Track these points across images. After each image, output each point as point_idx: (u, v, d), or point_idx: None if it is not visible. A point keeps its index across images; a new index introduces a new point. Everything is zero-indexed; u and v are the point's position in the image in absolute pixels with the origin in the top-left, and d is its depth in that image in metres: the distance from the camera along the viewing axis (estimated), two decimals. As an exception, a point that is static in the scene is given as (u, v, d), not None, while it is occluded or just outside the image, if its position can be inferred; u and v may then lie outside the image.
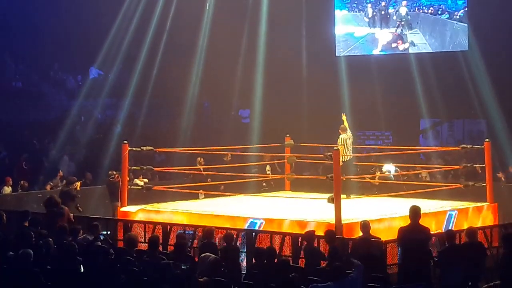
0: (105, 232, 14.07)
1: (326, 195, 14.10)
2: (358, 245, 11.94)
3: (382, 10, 25.91)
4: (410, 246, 11.05)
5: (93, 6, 25.97)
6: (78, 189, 16.78)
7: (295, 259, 12.26)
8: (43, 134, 25.21)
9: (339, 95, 25.28)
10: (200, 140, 24.24)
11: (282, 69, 26.37)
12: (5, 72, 28.35)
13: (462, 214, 15.43)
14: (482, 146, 16.23)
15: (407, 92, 24.84)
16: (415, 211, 11.30)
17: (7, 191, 18.94)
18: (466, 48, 24.66)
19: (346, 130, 16.73)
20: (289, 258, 11.60)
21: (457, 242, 11.89)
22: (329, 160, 14.46)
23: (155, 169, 18.04)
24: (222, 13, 26.10)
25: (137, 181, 18.56)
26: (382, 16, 25.92)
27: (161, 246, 12.71)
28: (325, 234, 12.05)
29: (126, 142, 16.21)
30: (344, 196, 14.44)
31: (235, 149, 20.65)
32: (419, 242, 11.08)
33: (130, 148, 16.13)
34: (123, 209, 15.78)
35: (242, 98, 27.54)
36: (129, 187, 16.22)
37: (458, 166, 18.40)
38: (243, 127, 27.21)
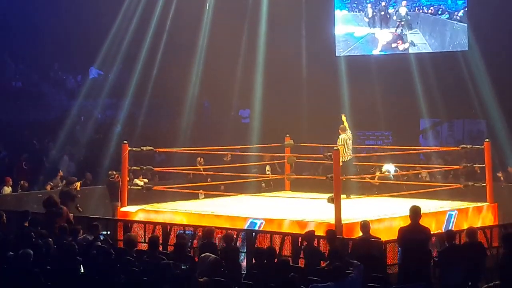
0: (105, 232, 14.06)
1: (326, 195, 14.09)
2: (358, 245, 11.94)
3: (382, 10, 25.90)
4: (410, 246, 11.04)
5: (93, 6, 25.96)
6: (78, 189, 16.79)
7: (295, 259, 12.26)
8: (43, 134, 25.19)
9: (339, 95, 25.27)
10: (200, 140, 24.21)
11: (282, 69, 26.35)
12: (5, 72, 28.35)
13: (462, 214, 15.44)
14: (482, 146, 16.24)
15: (407, 92, 24.82)
16: (416, 211, 11.29)
17: (7, 191, 18.93)
18: (466, 48, 24.65)
19: (346, 130, 16.71)
20: (289, 258, 11.59)
21: (457, 242, 11.88)
22: (329, 160, 14.47)
23: (155, 169, 18.03)
24: (222, 13, 26.09)
25: (137, 181, 18.56)
26: (382, 16, 25.91)
27: (161, 246, 12.71)
28: (326, 234, 12.07)
29: (126, 142, 16.20)
30: (344, 196, 14.44)
31: (235, 149, 20.64)
32: (419, 242, 11.07)
33: (130, 148, 16.12)
34: (123, 209, 15.77)
35: (242, 98, 27.53)
36: (129, 187, 16.22)
37: (458, 166, 18.40)
38: (243, 127, 27.20)
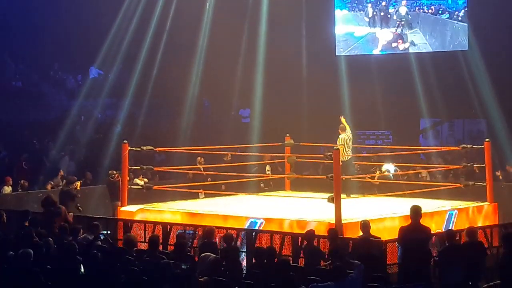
0: (105, 231, 14.05)
1: (326, 195, 14.09)
2: (358, 245, 11.94)
3: (382, 10, 25.90)
4: (411, 246, 11.03)
5: (93, 6, 25.97)
6: (78, 188, 16.78)
7: (295, 259, 12.26)
8: (43, 134, 25.19)
9: (339, 95, 25.27)
10: (200, 139, 24.21)
11: (282, 69, 26.35)
12: (5, 72, 28.36)
13: (462, 213, 15.42)
14: (482, 146, 16.23)
15: (407, 92, 24.82)
16: (416, 211, 11.28)
17: (7, 191, 18.93)
18: (466, 48, 24.66)
19: (346, 130, 16.72)
20: (289, 257, 11.59)
21: (457, 242, 11.87)
22: (329, 159, 14.46)
23: (155, 168, 18.04)
24: (222, 13, 26.09)
25: (137, 180, 18.55)
26: (382, 15, 25.92)
27: (161, 246, 12.71)
28: (327, 233, 12.09)
29: (126, 141, 16.20)
30: (344, 195, 14.44)
31: (235, 148, 20.63)
32: (420, 241, 11.06)
33: (130, 147, 16.12)
34: (123, 208, 15.77)
35: (242, 98, 27.54)
36: (129, 187, 16.21)
37: (458, 166, 18.39)
38: (243, 127, 27.20)
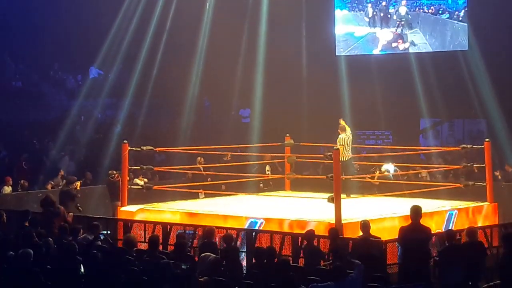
0: (105, 231, 14.05)
1: (326, 195, 14.09)
2: (358, 245, 11.93)
3: (382, 10, 25.90)
4: (411, 246, 11.03)
5: (93, 6, 25.97)
6: (78, 188, 16.77)
7: (295, 259, 12.26)
8: (43, 134, 25.19)
9: (339, 95, 25.27)
10: (200, 139, 24.21)
11: (282, 69, 26.35)
12: (5, 72, 28.36)
13: (462, 213, 15.42)
14: (482, 146, 16.23)
15: (407, 92, 24.82)
16: (416, 211, 11.27)
17: (7, 191, 18.93)
18: (466, 48, 24.66)
19: (345, 130, 16.73)
20: (289, 257, 11.59)
21: (457, 242, 11.87)
22: (329, 159, 14.46)
23: (155, 168, 18.03)
24: (222, 13, 26.09)
25: (137, 180, 18.55)
26: (382, 16, 25.92)
27: (161, 246, 12.70)
28: (328, 233, 12.11)
29: (126, 141, 16.20)
30: (344, 195, 14.44)
31: (235, 148, 20.63)
32: (420, 241, 11.06)
33: (130, 147, 16.12)
34: (123, 208, 15.76)
35: (242, 98, 27.54)
36: (129, 187, 16.21)
37: (458, 166, 18.39)
38: (243, 127, 27.20)
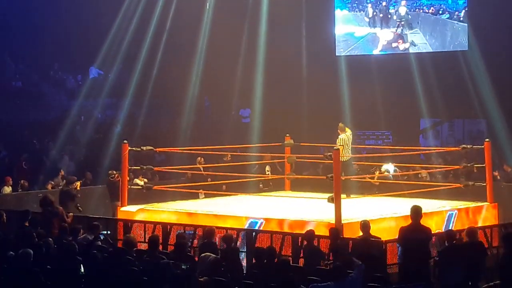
0: (105, 232, 14.05)
1: (326, 195, 14.09)
2: (358, 245, 11.93)
3: (383, 10, 25.89)
4: (411, 246, 11.04)
5: (93, 6, 25.97)
6: (78, 188, 16.77)
7: (295, 259, 12.26)
8: (43, 134, 25.19)
9: (339, 95, 25.27)
10: (200, 139, 24.22)
11: (282, 69, 26.35)
12: (5, 72, 28.36)
13: (462, 214, 15.42)
14: (482, 146, 16.24)
15: (407, 92, 24.81)
16: (417, 211, 11.27)
17: (7, 191, 18.93)
18: (466, 48, 24.65)
19: (345, 130, 16.76)
20: (289, 258, 11.59)
21: (457, 242, 11.87)
22: (329, 159, 14.47)
23: (155, 168, 18.04)
24: (222, 13, 26.09)
25: (137, 180, 18.54)
26: (383, 16, 25.91)
27: (161, 246, 12.70)
28: (329, 233, 12.12)
29: (126, 142, 16.20)
30: (344, 196, 14.44)
31: (235, 148, 20.62)
32: (420, 241, 11.06)
33: (130, 148, 16.12)
34: (123, 208, 15.77)
35: (242, 98, 27.53)
36: (129, 187, 16.21)
37: (458, 166, 18.38)
38: (244, 127, 27.21)
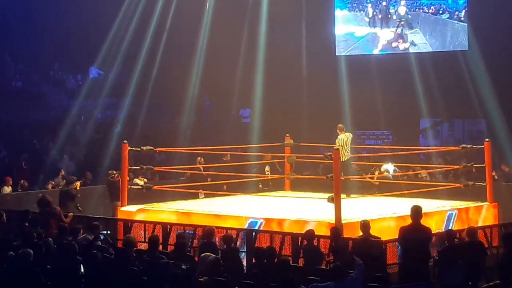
0: (105, 231, 14.05)
1: (326, 195, 14.09)
2: (358, 245, 11.94)
3: (383, 10, 25.89)
4: (411, 246, 11.04)
5: (93, 6, 25.98)
6: (78, 188, 16.77)
7: (295, 259, 12.26)
8: (43, 134, 25.19)
9: (339, 95, 25.28)
10: (200, 139, 24.22)
11: (282, 69, 26.36)
12: (5, 72, 28.36)
13: (462, 213, 15.43)
14: (482, 146, 16.23)
15: (407, 92, 24.81)
16: (417, 211, 11.27)
17: (7, 191, 18.93)
18: (466, 48, 24.65)
19: (344, 130, 16.79)
20: (289, 258, 11.59)
21: (457, 242, 11.88)
22: (329, 159, 14.47)
23: (155, 168, 18.03)
24: (222, 13, 26.09)
25: (137, 180, 18.53)
26: (383, 16, 25.91)
27: (161, 246, 12.71)
28: (330, 232, 12.13)
29: (126, 141, 16.20)
30: (344, 195, 14.44)
31: (235, 148, 20.62)
32: (420, 241, 11.06)
33: (130, 147, 16.12)
34: (123, 208, 15.76)
35: (242, 98, 27.53)
36: (129, 187, 16.21)
37: (458, 166, 18.38)
38: (244, 127, 27.21)
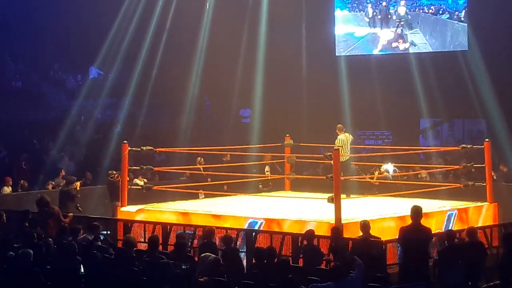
0: (105, 232, 14.05)
1: (326, 195, 14.09)
2: (358, 245, 11.94)
3: (383, 10, 25.89)
4: (411, 246, 11.04)
5: (93, 6, 25.98)
6: (78, 189, 16.76)
7: (295, 259, 12.26)
8: (43, 134, 25.19)
9: (339, 95, 25.28)
10: (200, 140, 24.22)
11: (282, 69, 26.35)
12: (5, 72, 28.36)
13: (462, 214, 15.43)
14: (482, 146, 16.24)
15: (407, 92, 24.81)
16: (417, 211, 11.27)
17: (7, 191, 18.92)
18: (466, 48, 24.64)
19: (343, 130, 16.81)
20: (289, 258, 11.60)
21: (457, 242, 11.88)
22: (329, 160, 14.48)
23: (155, 168, 18.03)
24: (222, 13, 26.09)
25: (137, 181, 18.52)
26: (383, 16, 25.91)
27: (161, 246, 12.71)
28: (331, 232, 12.15)
29: (126, 142, 16.21)
30: (344, 196, 14.44)
31: (235, 149, 20.62)
32: (420, 242, 11.06)
33: (130, 148, 16.13)
34: (123, 209, 15.77)
35: (242, 98, 27.53)
36: (129, 187, 16.21)
37: (458, 166, 18.38)
38: (244, 127, 27.21)
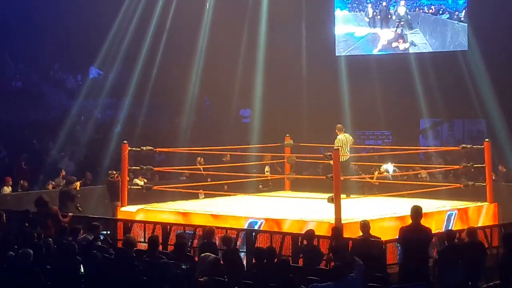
0: (105, 232, 14.05)
1: (326, 195, 14.10)
2: (358, 245, 11.94)
3: (383, 10, 25.90)
4: (411, 246, 11.04)
5: (93, 6, 25.98)
6: (78, 189, 16.76)
7: (295, 259, 12.26)
8: (43, 134, 25.18)
9: (339, 95, 25.30)
10: (200, 140, 24.22)
11: (282, 69, 26.36)
12: (5, 72, 28.35)
13: (462, 214, 15.43)
14: (482, 146, 16.24)
15: (407, 92, 24.82)
16: (417, 211, 11.26)
17: (7, 191, 18.92)
18: (466, 48, 24.65)
19: (343, 130, 16.83)
20: (289, 258, 11.60)
21: (457, 242, 11.88)
22: (329, 160, 14.48)
23: (155, 168, 18.03)
24: (222, 13, 26.10)
25: (137, 181, 18.53)
26: (382, 16, 25.91)
27: (161, 246, 12.70)
28: (331, 232, 12.15)
29: (126, 142, 16.21)
30: (344, 196, 14.44)
31: (235, 149, 20.62)
32: (420, 242, 11.06)
33: (130, 148, 16.13)
34: (123, 209, 15.77)
35: (242, 98, 27.54)
36: (129, 187, 16.21)
37: (458, 166, 18.39)
38: (244, 127, 27.22)
